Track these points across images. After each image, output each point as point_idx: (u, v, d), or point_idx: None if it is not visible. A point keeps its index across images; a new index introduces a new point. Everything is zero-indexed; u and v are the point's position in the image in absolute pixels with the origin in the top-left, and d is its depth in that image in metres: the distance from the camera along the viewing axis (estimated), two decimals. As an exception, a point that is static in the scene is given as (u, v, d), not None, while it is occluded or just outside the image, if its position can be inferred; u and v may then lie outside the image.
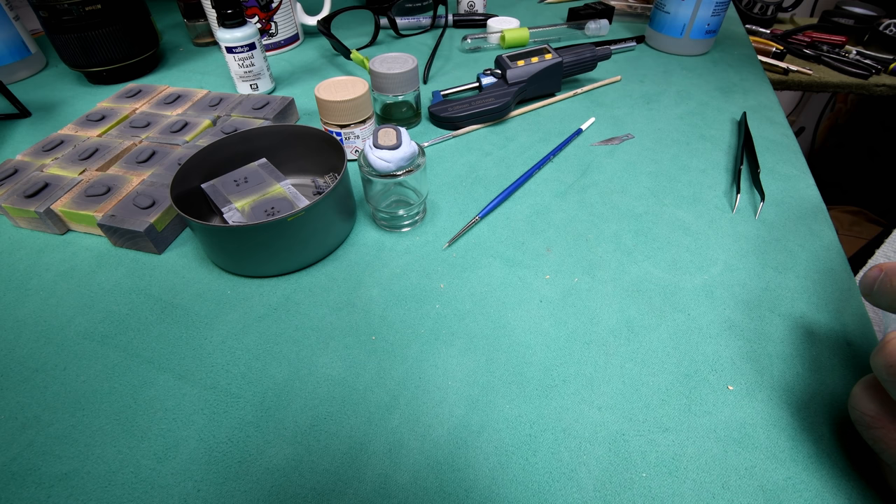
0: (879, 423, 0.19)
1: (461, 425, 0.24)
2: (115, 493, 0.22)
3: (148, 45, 0.57)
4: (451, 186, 0.39)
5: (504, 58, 0.47)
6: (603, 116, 0.47)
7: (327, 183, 0.38)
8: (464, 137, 0.45)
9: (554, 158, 0.42)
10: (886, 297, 0.20)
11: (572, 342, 0.27)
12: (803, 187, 0.37)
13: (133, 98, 0.47)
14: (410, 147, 0.31)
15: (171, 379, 0.26)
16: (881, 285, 0.20)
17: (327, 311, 0.30)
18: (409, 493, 0.22)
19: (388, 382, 0.26)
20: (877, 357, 0.19)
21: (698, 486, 0.21)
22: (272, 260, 0.31)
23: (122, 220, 0.33)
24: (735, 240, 0.33)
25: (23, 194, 0.35)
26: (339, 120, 0.38)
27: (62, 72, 0.60)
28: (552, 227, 0.35)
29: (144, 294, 0.31)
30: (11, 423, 0.25)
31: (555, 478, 0.22)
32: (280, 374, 0.26)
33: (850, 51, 0.94)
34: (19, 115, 0.51)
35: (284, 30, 0.61)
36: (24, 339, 0.29)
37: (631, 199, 0.37)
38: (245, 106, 0.45)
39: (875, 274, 0.21)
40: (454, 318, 0.29)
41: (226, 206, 0.33)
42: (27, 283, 0.32)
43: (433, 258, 0.33)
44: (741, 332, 0.27)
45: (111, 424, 0.25)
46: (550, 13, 0.72)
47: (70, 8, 0.49)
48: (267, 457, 0.23)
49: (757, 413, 0.24)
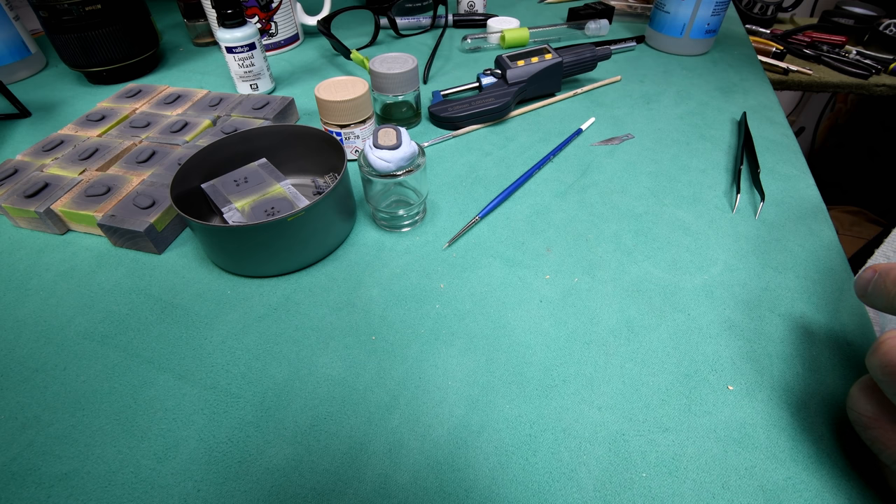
0: (876, 424, 0.19)
1: (461, 425, 0.24)
2: (115, 493, 0.22)
3: (148, 45, 0.57)
4: (451, 186, 0.39)
5: (504, 58, 0.47)
6: (603, 116, 0.47)
7: (327, 183, 0.38)
8: (464, 137, 0.45)
9: (554, 158, 0.42)
10: (881, 298, 0.20)
11: (572, 342, 0.27)
12: (803, 187, 0.37)
13: (133, 98, 0.47)
14: (410, 147, 0.31)
15: (171, 379, 0.26)
16: (875, 286, 0.21)
17: (327, 311, 0.30)
18: (409, 493, 0.22)
19: (388, 382, 0.26)
20: (872, 358, 0.19)
21: (698, 486, 0.21)
22: (272, 260, 0.31)
23: (122, 220, 0.33)
24: (735, 240, 0.33)
25: (23, 194, 0.35)
26: (339, 120, 0.38)
27: (62, 72, 0.60)
28: (552, 227, 0.35)
29: (144, 294, 0.31)
30: (11, 423, 0.25)
31: (555, 478, 0.22)
32: (280, 374, 0.26)
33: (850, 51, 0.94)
34: (19, 115, 0.51)
35: (284, 30, 0.61)
36: (24, 339, 0.29)
37: (631, 199, 0.37)
38: (245, 106, 0.45)
39: (869, 275, 0.21)
40: (454, 318, 0.29)
41: (226, 206, 0.33)
42: (27, 283, 0.32)
43: (433, 258, 0.33)
44: (741, 332, 0.27)
45: (111, 424, 0.25)
46: (550, 13, 0.72)
47: (70, 8, 0.49)
48: (267, 457, 0.23)
49: (757, 413, 0.24)
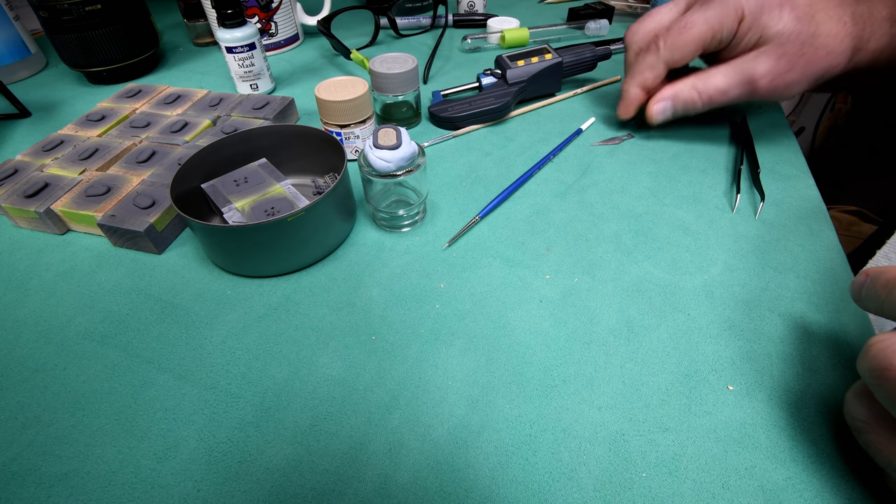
0: (870, 428, 0.20)
1: (461, 425, 0.24)
2: (115, 493, 0.22)
3: (148, 45, 0.57)
4: (451, 186, 0.39)
5: (504, 58, 0.47)
6: (603, 116, 0.47)
7: (327, 183, 0.38)
8: (464, 137, 0.45)
9: (554, 158, 0.42)
10: (873, 302, 0.21)
11: (572, 342, 0.27)
12: (803, 187, 0.37)
13: (133, 98, 0.47)
14: (410, 147, 0.31)
15: (171, 379, 0.26)
16: (867, 290, 0.21)
17: (327, 311, 0.30)
18: (409, 493, 0.22)
19: (388, 382, 0.26)
20: (861, 361, 0.19)
21: (698, 486, 0.21)
22: (272, 260, 0.31)
23: (122, 220, 0.33)
24: (735, 240, 0.33)
25: (23, 194, 0.35)
26: (339, 120, 0.38)
27: (62, 72, 0.60)
28: (552, 227, 0.35)
29: (144, 294, 0.31)
30: (11, 423, 0.25)
31: (555, 478, 0.22)
32: (280, 374, 0.26)
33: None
34: (19, 115, 0.51)
35: (284, 30, 0.61)
36: (24, 339, 0.29)
37: (631, 199, 0.37)
38: (245, 106, 0.45)
39: (862, 280, 0.22)
40: (454, 318, 0.29)
41: (226, 206, 0.33)
42: (27, 283, 0.32)
43: (433, 258, 0.33)
44: (741, 332, 0.27)
45: (111, 424, 0.25)
46: (550, 13, 0.72)
47: (70, 8, 0.49)
48: (267, 457, 0.23)
49: (757, 413, 0.24)
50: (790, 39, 0.33)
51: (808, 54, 0.33)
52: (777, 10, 0.34)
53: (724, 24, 0.35)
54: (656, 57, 0.38)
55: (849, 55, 0.34)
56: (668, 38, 0.37)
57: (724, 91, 0.37)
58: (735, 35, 0.36)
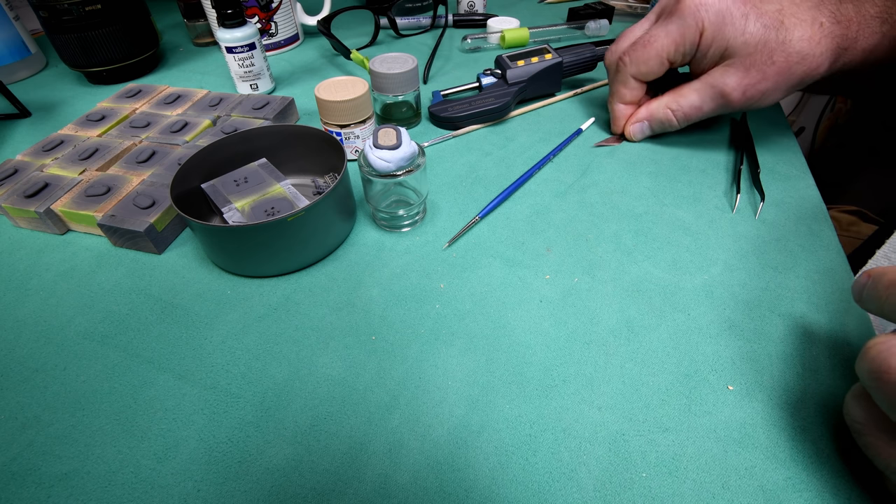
0: (868, 431, 0.20)
1: (461, 425, 0.24)
2: (115, 493, 0.22)
3: (148, 45, 0.57)
4: (451, 186, 0.39)
5: (504, 58, 0.47)
6: (603, 116, 0.47)
7: (327, 183, 0.38)
8: (464, 137, 0.45)
9: (554, 158, 0.42)
10: (874, 303, 0.21)
11: (572, 342, 0.27)
12: (803, 187, 0.37)
13: (133, 98, 0.47)
14: (410, 147, 0.31)
15: (171, 379, 0.26)
16: (868, 291, 0.21)
17: (327, 311, 0.30)
18: (409, 493, 0.22)
19: (388, 382, 0.26)
20: (860, 363, 0.19)
21: (698, 486, 0.21)
22: (272, 260, 0.31)
23: (122, 220, 0.33)
24: (735, 240, 0.33)
25: (23, 194, 0.35)
26: (339, 120, 0.38)
27: (62, 72, 0.60)
28: (552, 227, 0.35)
29: (144, 294, 0.31)
30: (11, 423, 0.25)
31: (555, 478, 0.22)
32: (280, 374, 0.26)
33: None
34: (19, 115, 0.51)
35: (284, 30, 0.61)
36: (24, 339, 0.29)
37: (631, 199, 0.37)
38: (245, 106, 0.45)
39: (863, 280, 0.22)
40: (454, 318, 0.29)
41: (226, 206, 0.33)
42: (27, 283, 0.32)
43: (433, 258, 0.33)
44: (741, 332, 0.27)
45: (111, 424, 0.25)
46: (550, 13, 0.72)
47: (70, 8, 0.49)
48: (267, 457, 0.23)
49: (757, 413, 0.24)
50: (757, 49, 0.33)
51: (780, 62, 0.33)
52: (741, 19, 0.33)
53: (686, 36, 0.35)
54: (625, 73, 0.39)
55: (829, 57, 0.33)
56: (632, 53, 0.38)
57: (698, 107, 0.37)
58: (698, 48, 0.35)
